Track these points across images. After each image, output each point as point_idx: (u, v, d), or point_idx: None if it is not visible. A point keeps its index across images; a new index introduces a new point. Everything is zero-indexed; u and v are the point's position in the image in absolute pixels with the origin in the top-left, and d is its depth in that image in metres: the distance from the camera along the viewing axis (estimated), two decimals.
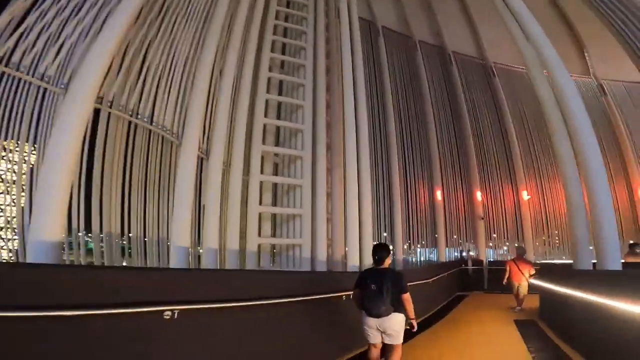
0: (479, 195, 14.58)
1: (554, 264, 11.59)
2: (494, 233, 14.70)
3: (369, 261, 9.68)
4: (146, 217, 6.99)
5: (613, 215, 6.40)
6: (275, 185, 10.04)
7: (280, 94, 10.06)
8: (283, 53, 10.29)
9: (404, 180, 13.92)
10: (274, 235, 9.68)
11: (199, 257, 7.32)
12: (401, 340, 3.84)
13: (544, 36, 8.17)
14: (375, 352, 3.90)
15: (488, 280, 13.16)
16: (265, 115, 9.46)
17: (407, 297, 3.78)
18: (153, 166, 7.37)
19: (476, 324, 7.19)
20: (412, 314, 3.83)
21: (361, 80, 10.01)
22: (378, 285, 3.69)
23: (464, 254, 14.19)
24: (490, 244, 14.70)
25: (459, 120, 15.67)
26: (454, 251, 14.86)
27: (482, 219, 14.33)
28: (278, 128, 10.11)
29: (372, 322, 3.74)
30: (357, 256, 9.26)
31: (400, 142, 14.17)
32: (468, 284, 12.97)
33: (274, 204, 9.86)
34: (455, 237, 14.68)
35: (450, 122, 15.69)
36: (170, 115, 7.66)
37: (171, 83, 7.73)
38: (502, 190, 15.03)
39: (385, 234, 13.08)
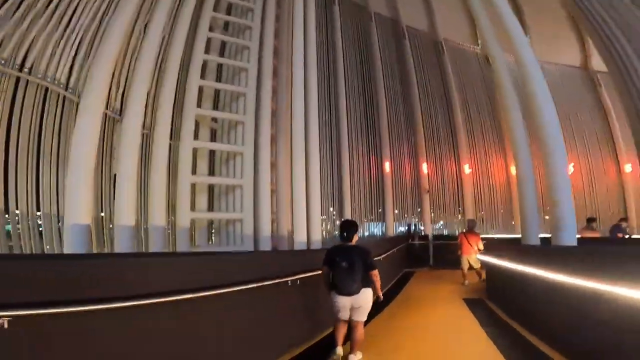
0: (425, 167, 14.45)
1: (503, 240, 11.83)
2: (438, 207, 14.79)
3: (317, 237, 9.06)
4: (40, 190, 5.57)
5: (570, 191, 6.26)
6: (212, 153, 8.88)
7: (222, 56, 9.16)
8: (228, 13, 9.28)
9: (353, 153, 13.33)
10: (211, 209, 8.57)
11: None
12: (365, 318, 3.90)
13: (513, 16, 7.82)
14: (343, 328, 3.89)
15: (433, 256, 13.22)
16: (203, 77, 8.39)
17: (375, 273, 3.80)
18: (50, 130, 5.93)
19: (429, 306, 6.84)
20: (379, 291, 3.93)
21: (313, 47, 9.31)
22: (349, 263, 3.67)
23: (412, 228, 14.11)
24: (435, 219, 14.80)
25: (408, 94, 15.39)
26: (401, 225, 14.81)
27: (428, 192, 14.29)
28: (217, 92, 9.15)
29: (343, 300, 3.71)
30: (305, 232, 8.58)
31: (350, 113, 13.52)
32: (415, 260, 12.92)
33: (211, 173, 8.70)
34: (401, 211, 14.55)
35: (400, 95, 15.35)
36: (76, 71, 6.29)
37: (77, 33, 6.28)
38: (446, 164, 15.07)
39: (331, 209, 12.50)
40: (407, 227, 14.18)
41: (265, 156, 8.51)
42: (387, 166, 13.86)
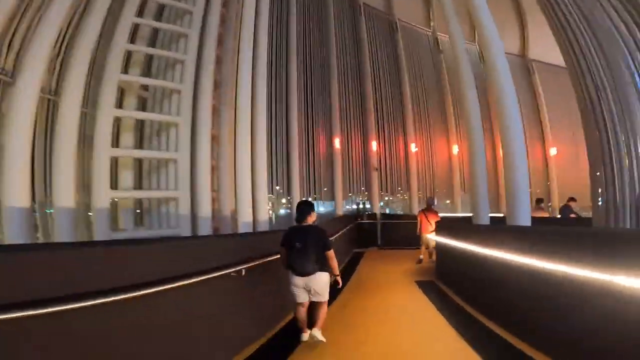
0: (374, 145, 14.21)
1: (454, 219, 12.00)
2: (387, 186, 14.75)
3: (263, 218, 8.34)
4: None
5: (526, 172, 6.20)
6: (141, 123, 7.67)
7: (160, 20, 8.15)
8: None
9: (302, 129, 12.61)
10: (138, 187, 7.41)
11: None
12: (327, 297, 3.86)
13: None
14: (302, 311, 3.83)
15: (382, 236, 13.14)
16: (133, 42, 7.48)
17: (331, 254, 3.80)
18: None
19: (384, 290, 6.50)
20: (336, 270, 3.90)
21: (265, 17, 8.87)
22: (303, 244, 3.67)
23: (360, 207, 13.90)
24: (383, 197, 14.75)
25: (361, 71, 14.93)
26: (350, 203, 14.58)
27: (377, 170, 14.11)
28: (150, 58, 8.12)
29: (299, 280, 3.70)
30: (250, 212, 7.82)
31: (300, 87, 12.71)
32: (363, 240, 12.74)
33: (139, 146, 7.49)
34: (351, 189, 14.28)
35: (352, 71, 14.84)
36: None
37: None
38: (395, 143, 15.00)
39: (277, 187, 11.78)
40: (356, 206, 13.94)
41: (205, 128, 7.56)
42: (337, 143, 13.37)
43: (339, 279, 3.98)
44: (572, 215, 8.76)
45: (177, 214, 7.12)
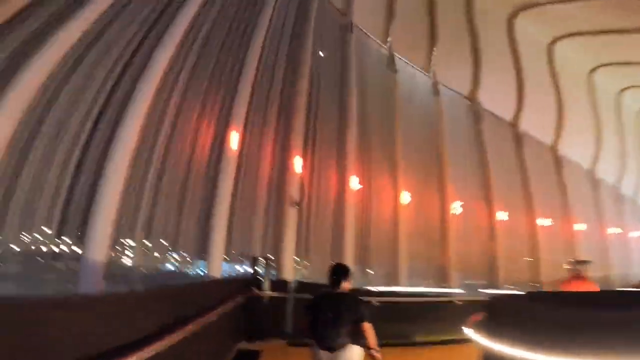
0: (298, 164, 8.60)
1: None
2: (310, 235, 8.85)
3: None
4: None
5: None
6: None
7: None
8: None
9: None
10: None
11: None
12: None
13: None
14: None
15: (294, 320, 6.85)
16: None
17: (368, 326, 3.23)
18: None
19: None
20: (373, 344, 3.23)
21: None
22: (334, 313, 3.21)
23: (259, 268, 7.57)
24: (303, 254, 8.72)
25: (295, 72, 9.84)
26: (238, 263, 8.29)
27: (298, 205, 8.35)
28: None
29: (324, 355, 3.20)
30: None
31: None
32: (260, 325, 6.36)
33: None
34: (243, 236, 8.06)
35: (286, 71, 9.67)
36: None
37: None
38: (329, 170, 9.65)
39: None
40: (251, 266, 7.57)
41: None
42: (231, 144, 7.46)
43: (378, 355, 3.20)
44: None
45: None
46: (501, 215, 13.19)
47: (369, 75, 12.15)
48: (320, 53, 10.79)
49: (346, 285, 3.43)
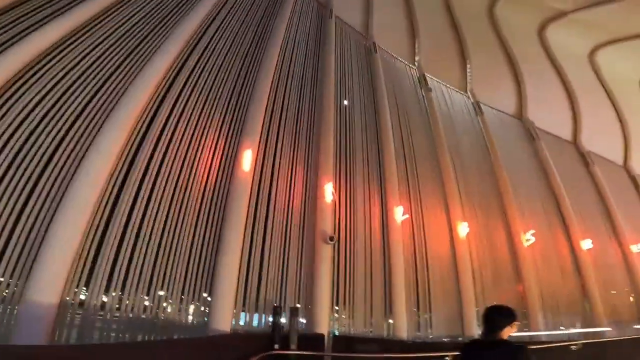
0: (329, 190, 7.04)
1: None
2: (351, 278, 6.96)
3: None
4: None
5: None
6: None
7: None
8: None
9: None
10: None
11: None
12: None
13: None
14: None
15: None
16: None
17: None
18: None
19: None
20: None
21: None
22: None
23: (280, 319, 5.75)
24: (344, 302, 6.78)
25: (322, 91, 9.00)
26: (259, 312, 6.56)
27: (333, 240, 6.66)
28: None
29: None
30: None
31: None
32: None
33: None
34: (260, 280, 6.38)
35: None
36: None
37: None
38: (371, 195, 8.01)
39: None
40: (272, 318, 5.78)
41: None
42: (244, 165, 6.18)
43: None
44: None
45: None
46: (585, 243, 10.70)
47: (402, 93, 11.05)
48: (345, 101, 9.72)
49: (504, 333, 2.74)
